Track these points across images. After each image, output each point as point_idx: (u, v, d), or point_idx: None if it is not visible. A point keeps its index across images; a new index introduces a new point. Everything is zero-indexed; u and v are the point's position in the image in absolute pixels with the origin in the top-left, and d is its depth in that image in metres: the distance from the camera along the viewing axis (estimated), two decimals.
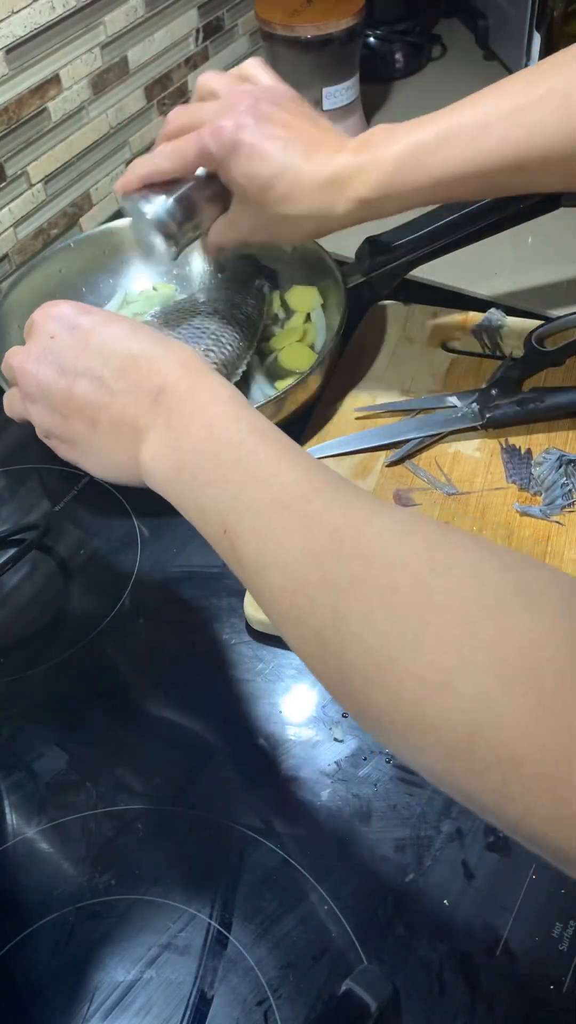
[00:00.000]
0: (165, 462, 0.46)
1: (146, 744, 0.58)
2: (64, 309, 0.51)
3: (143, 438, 0.47)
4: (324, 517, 0.40)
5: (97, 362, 0.49)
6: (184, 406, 0.46)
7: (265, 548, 0.41)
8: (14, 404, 0.55)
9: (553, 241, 0.88)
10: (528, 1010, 0.47)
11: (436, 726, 0.33)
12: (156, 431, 0.47)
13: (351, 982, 0.47)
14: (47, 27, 0.82)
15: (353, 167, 0.58)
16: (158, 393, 0.47)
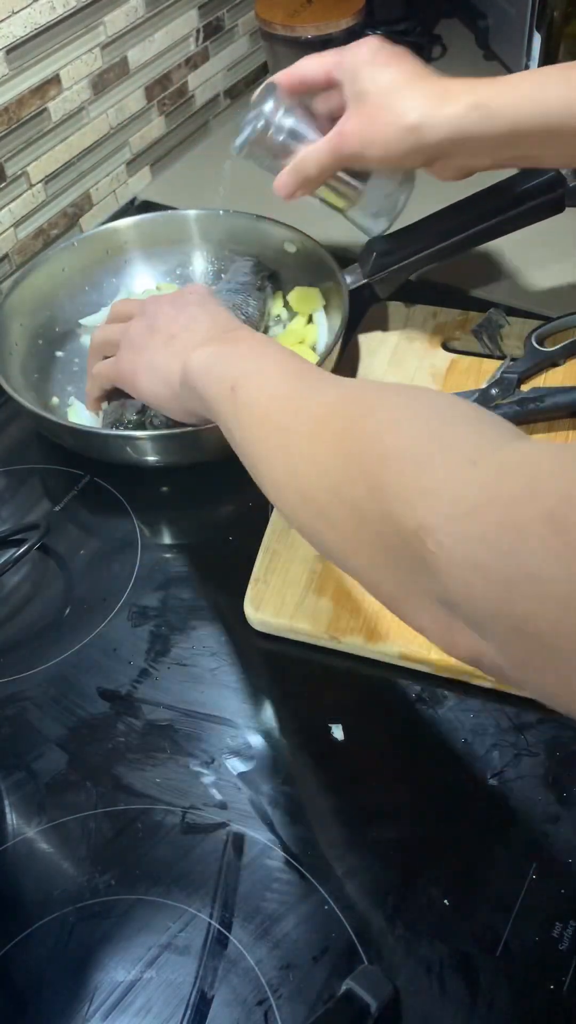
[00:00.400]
0: (206, 356, 0.58)
1: (146, 744, 0.58)
2: (199, 287, 0.70)
3: (197, 350, 0.59)
4: (314, 373, 0.52)
5: (202, 313, 0.65)
6: (235, 336, 0.61)
7: (262, 391, 0.52)
8: (113, 329, 0.72)
9: (553, 241, 0.88)
10: (528, 1010, 0.47)
11: None
12: (209, 346, 0.60)
13: (351, 982, 0.47)
14: (47, 27, 0.82)
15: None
16: (223, 331, 0.62)
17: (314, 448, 0.45)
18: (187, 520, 0.71)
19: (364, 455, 0.41)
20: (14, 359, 0.77)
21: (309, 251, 0.81)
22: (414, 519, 0.36)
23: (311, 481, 0.44)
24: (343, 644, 0.61)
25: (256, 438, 0.50)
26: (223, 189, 0.95)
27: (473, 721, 0.58)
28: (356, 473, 0.41)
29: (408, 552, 0.37)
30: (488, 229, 0.73)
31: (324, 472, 0.43)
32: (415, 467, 0.38)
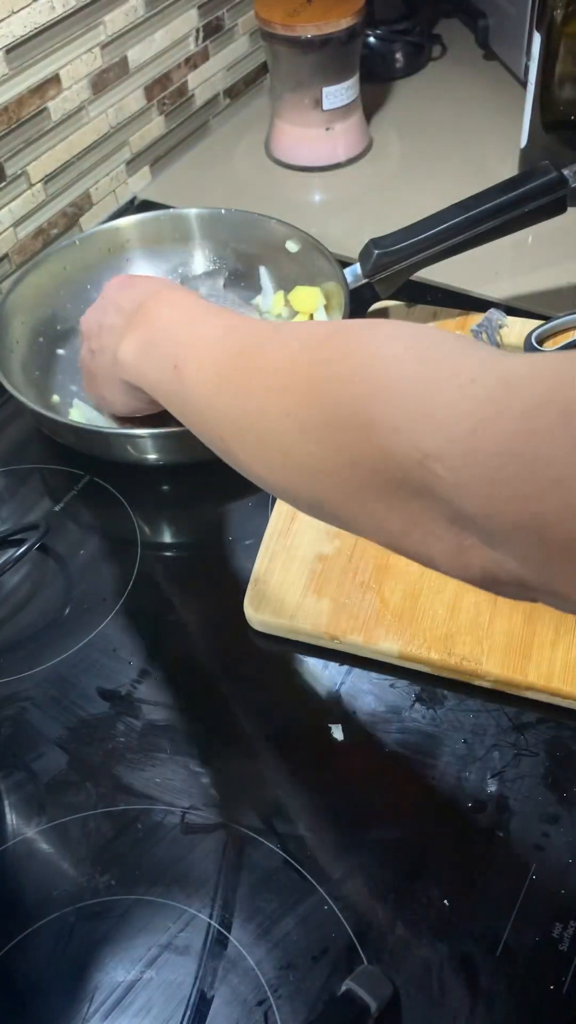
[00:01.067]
0: (135, 344, 0.57)
1: (146, 744, 0.58)
2: (115, 280, 0.66)
3: (120, 346, 0.58)
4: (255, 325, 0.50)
5: (112, 306, 0.63)
6: (154, 308, 0.57)
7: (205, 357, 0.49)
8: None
9: (553, 242, 0.88)
10: (528, 1010, 0.47)
11: None
12: (133, 332, 0.57)
13: (351, 982, 0.47)
14: (47, 27, 0.82)
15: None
16: (136, 309, 0.59)
17: (286, 404, 0.41)
18: (187, 520, 0.71)
19: (349, 397, 0.38)
20: (15, 357, 0.77)
21: (310, 250, 0.81)
22: (417, 449, 0.35)
23: (290, 441, 0.41)
24: (343, 644, 0.61)
25: (216, 415, 0.47)
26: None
27: (473, 721, 0.58)
28: (343, 418, 0.38)
29: (413, 484, 0.35)
30: (489, 230, 0.73)
31: (303, 427, 0.40)
32: (410, 395, 0.36)
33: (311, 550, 0.65)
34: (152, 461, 0.70)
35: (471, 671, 0.58)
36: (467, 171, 0.98)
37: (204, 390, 0.48)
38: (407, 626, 0.60)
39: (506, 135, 0.98)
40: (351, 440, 0.38)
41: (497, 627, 0.60)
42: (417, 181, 0.99)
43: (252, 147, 1.06)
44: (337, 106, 0.98)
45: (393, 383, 0.37)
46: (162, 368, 0.52)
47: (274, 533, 0.66)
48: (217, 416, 0.47)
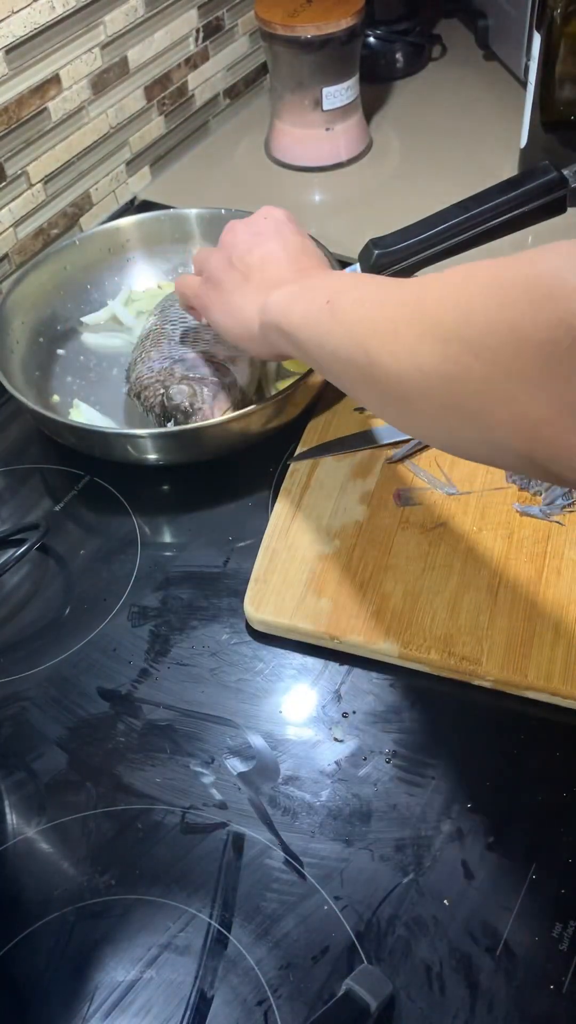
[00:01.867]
0: (288, 291, 0.60)
1: (146, 744, 0.58)
2: (280, 213, 0.68)
3: (277, 288, 0.61)
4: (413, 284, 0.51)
5: (279, 245, 0.65)
6: (318, 274, 0.63)
7: (365, 296, 0.51)
8: (196, 264, 0.72)
9: (553, 242, 0.88)
10: (528, 1010, 0.47)
11: None
12: (290, 284, 0.61)
13: (351, 982, 0.47)
14: (47, 27, 0.82)
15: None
16: (301, 271, 0.63)
17: (452, 296, 0.43)
18: (187, 520, 0.71)
19: (523, 279, 0.40)
20: (15, 357, 0.77)
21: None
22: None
23: (454, 320, 0.43)
24: (343, 644, 0.61)
25: (368, 327, 0.49)
26: None
27: (473, 721, 0.58)
28: (514, 296, 0.40)
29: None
30: (489, 230, 0.73)
31: (471, 305, 0.42)
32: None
33: (311, 550, 0.65)
34: (152, 461, 0.70)
35: (471, 671, 0.58)
36: (467, 171, 0.98)
37: (356, 315, 0.51)
38: (407, 626, 0.60)
39: (506, 135, 0.98)
40: (521, 315, 0.39)
41: (497, 627, 0.60)
42: (417, 181, 0.99)
43: (252, 147, 1.06)
44: (337, 106, 0.98)
45: (569, 261, 0.40)
46: (313, 302, 0.55)
47: (274, 533, 0.66)
48: (368, 328, 0.49)
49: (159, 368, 0.73)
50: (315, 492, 0.69)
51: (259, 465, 0.73)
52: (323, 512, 0.67)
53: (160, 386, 0.72)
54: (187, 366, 0.72)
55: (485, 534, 0.65)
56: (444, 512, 0.67)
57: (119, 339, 0.83)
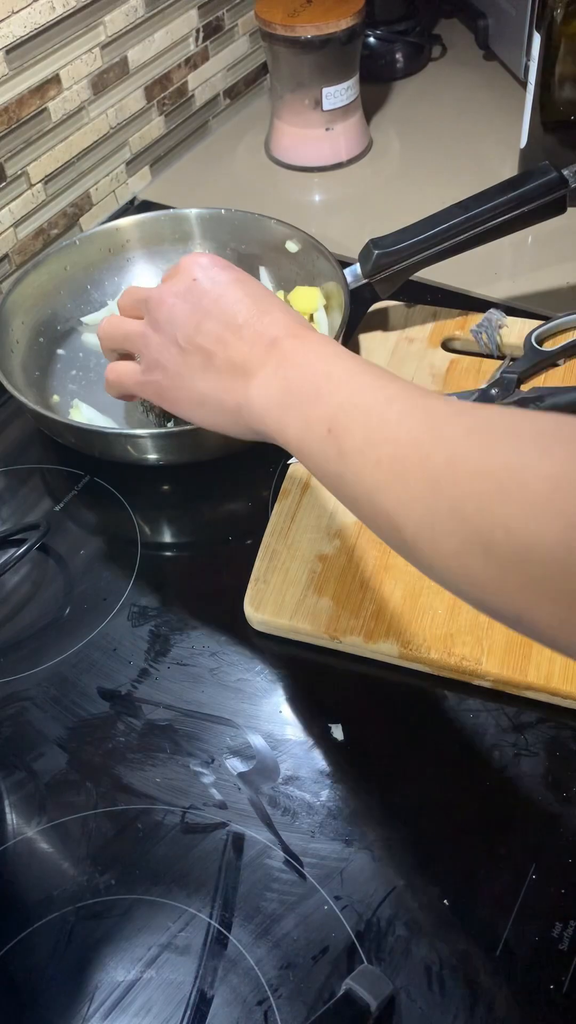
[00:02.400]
0: (273, 390, 0.50)
1: (146, 744, 0.58)
2: (207, 260, 0.57)
3: (252, 376, 0.52)
4: (437, 402, 0.43)
5: (229, 308, 0.54)
6: (294, 350, 0.51)
7: (375, 431, 0.43)
8: (122, 327, 0.62)
9: (553, 242, 0.88)
10: (528, 1010, 0.47)
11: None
12: (267, 369, 0.51)
13: (351, 982, 0.47)
14: (47, 27, 0.82)
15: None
16: (272, 342, 0.52)
17: (505, 511, 0.36)
18: (187, 520, 0.71)
19: None
20: (15, 357, 0.77)
21: (310, 250, 0.81)
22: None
23: (508, 550, 0.35)
24: (343, 644, 0.61)
25: (394, 504, 0.41)
26: None
27: (473, 721, 0.58)
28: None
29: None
30: (489, 230, 0.73)
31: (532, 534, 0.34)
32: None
33: (311, 550, 0.65)
34: (152, 461, 0.70)
35: (471, 671, 0.58)
36: (467, 171, 0.98)
37: (376, 473, 0.42)
38: (407, 626, 0.60)
39: (506, 135, 0.98)
40: None
41: (497, 627, 0.60)
42: (417, 181, 0.99)
43: (252, 147, 1.06)
44: (337, 106, 0.98)
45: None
46: (310, 428, 0.46)
47: (274, 533, 0.66)
48: (394, 505, 0.41)
49: None
50: (315, 492, 0.69)
51: (259, 465, 0.73)
52: (323, 512, 0.67)
53: None
54: None
55: None
56: None
57: None
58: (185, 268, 0.57)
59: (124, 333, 0.61)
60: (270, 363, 0.51)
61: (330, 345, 0.51)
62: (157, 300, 0.57)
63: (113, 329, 0.63)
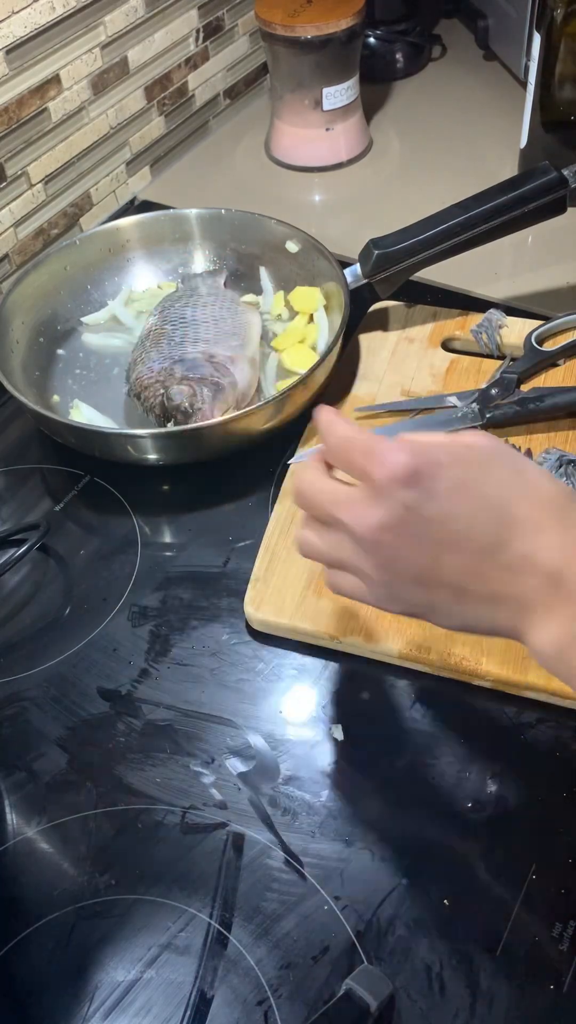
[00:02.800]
0: (566, 635, 0.42)
1: (146, 744, 0.58)
2: (405, 469, 0.42)
3: (532, 612, 0.43)
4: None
5: (468, 531, 0.43)
6: (558, 586, 0.42)
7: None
8: (327, 541, 0.47)
9: (553, 242, 0.88)
10: (528, 1010, 0.47)
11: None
12: (555, 616, 0.42)
13: (351, 982, 0.47)
14: (47, 27, 0.82)
15: None
16: (551, 578, 0.42)
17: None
18: (187, 520, 0.71)
19: None
20: (15, 357, 0.77)
21: (310, 250, 0.81)
22: None
23: None
24: (343, 644, 0.61)
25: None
26: None
27: (473, 721, 0.58)
28: None
29: None
30: (490, 230, 0.73)
31: None
32: None
33: None
34: (152, 461, 0.70)
35: (471, 671, 0.58)
36: (467, 171, 0.98)
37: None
38: (407, 626, 0.60)
39: (506, 135, 0.98)
40: None
41: None
42: (417, 181, 0.99)
43: (252, 147, 1.06)
44: (337, 106, 0.98)
45: None
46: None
47: (274, 533, 0.66)
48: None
49: (159, 368, 0.73)
50: None
51: (259, 465, 0.73)
52: None
53: (160, 386, 0.72)
54: (187, 366, 0.73)
55: None
56: None
57: (119, 339, 0.83)
58: (385, 491, 0.43)
59: (338, 559, 0.47)
60: (557, 607, 0.42)
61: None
62: (372, 543, 0.44)
63: (315, 545, 0.48)
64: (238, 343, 0.76)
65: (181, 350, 0.74)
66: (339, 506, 0.45)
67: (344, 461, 0.45)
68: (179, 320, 0.77)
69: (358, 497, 0.44)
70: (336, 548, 0.46)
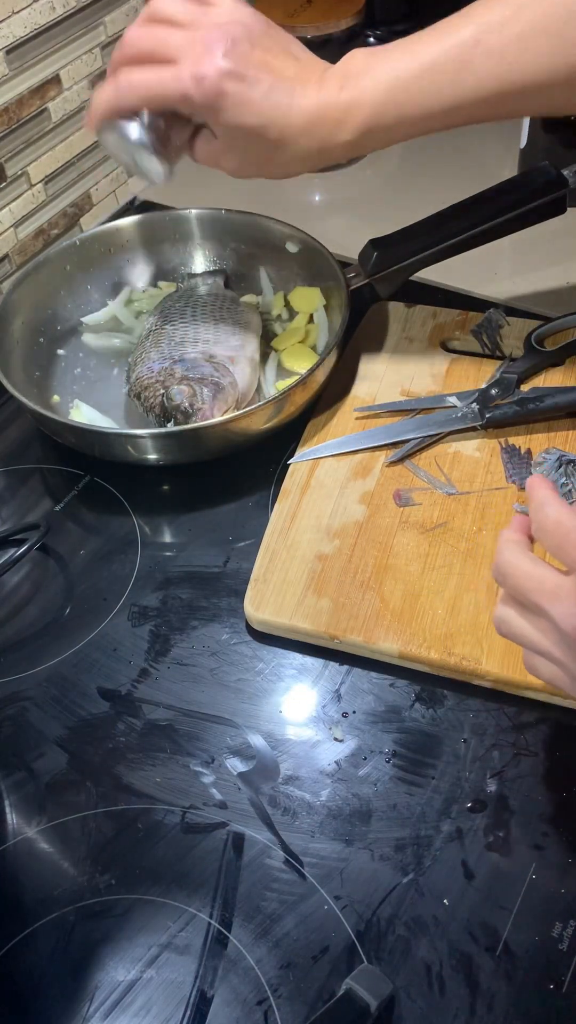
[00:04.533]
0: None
1: (146, 744, 0.58)
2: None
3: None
4: None
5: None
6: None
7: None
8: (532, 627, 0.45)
9: (553, 242, 0.88)
10: (528, 1010, 0.47)
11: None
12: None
13: (351, 982, 0.47)
14: (47, 27, 0.82)
15: (338, 109, 0.59)
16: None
17: None
18: (187, 520, 0.71)
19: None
20: (15, 357, 0.77)
21: (310, 250, 0.81)
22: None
23: None
24: (343, 644, 0.61)
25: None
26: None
27: (473, 721, 0.58)
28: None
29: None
30: (489, 230, 0.73)
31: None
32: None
33: (311, 550, 0.65)
34: (152, 461, 0.70)
35: (471, 671, 0.58)
36: (467, 171, 0.98)
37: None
38: (407, 626, 0.60)
39: (506, 135, 0.98)
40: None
41: None
42: (417, 181, 0.99)
43: None
44: None
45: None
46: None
47: (274, 533, 0.66)
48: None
49: (159, 368, 0.73)
50: (315, 492, 0.69)
51: (259, 465, 0.73)
52: (323, 512, 0.67)
53: (160, 386, 0.72)
54: (187, 366, 0.73)
55: (485, 534, 0.65)
56: (444, 512, 0.67)
57: (119, 339, 0.83)
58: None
59: (540, 648, 0.45)
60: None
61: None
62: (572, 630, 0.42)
63: (516, 628, 0.46)
64: (238, 343, 0.76)
65: (181, 350, 0.74)
66: (546, 596, 0.43)
67: (555, 547, 0.44)
68: (179, 320, 0.77)
69: (569, 591, 0.42)
70: (539, 636, 0.45)
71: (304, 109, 0.59)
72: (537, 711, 0.58)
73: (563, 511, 0.43)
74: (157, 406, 0.72)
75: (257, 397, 0.75)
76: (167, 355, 0.74)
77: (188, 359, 0.73)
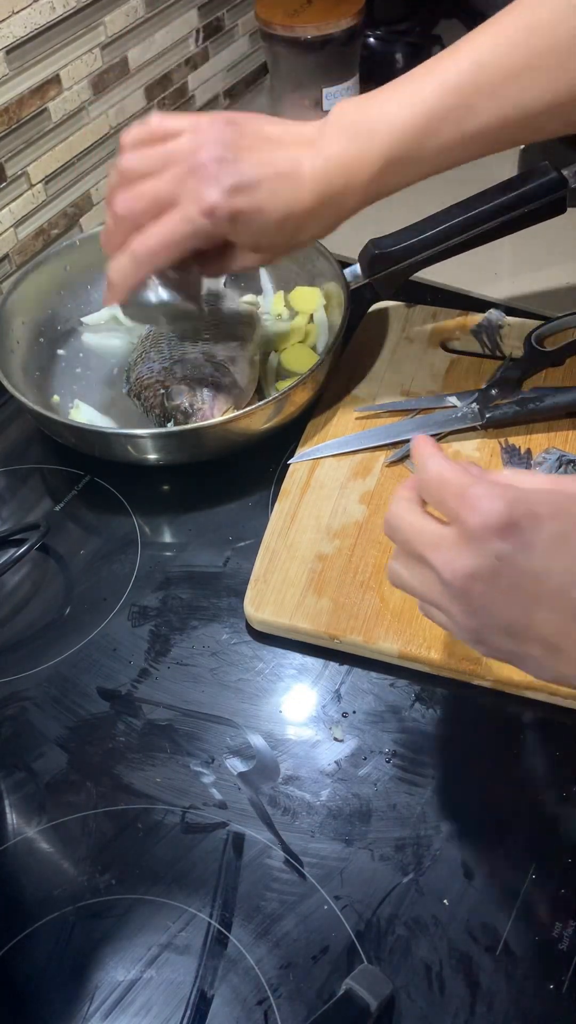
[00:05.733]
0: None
1: (146, 744, 0.58)
2: (498, 518, 0.41)
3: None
4: None
5: (563, 586, 0.41)
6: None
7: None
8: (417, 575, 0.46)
9: (553, 242, 0.88)
10: (528, 1010, 0.47)
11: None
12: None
13: (351, 982, 0.47)
14: (47, 27, 0.82)
15: (341, 183, 0.60)
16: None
17: None
18: (187, 520, 0.71)
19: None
20: (15, 357, 0.77)
21: (310, 250, 0.81)
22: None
23: None
24: (343, 644, 0.61)
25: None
26: None
27: (473, 721, 0.58)
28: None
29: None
30: (489, 230, 0.73)
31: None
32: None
33: (311, 550, 0.65)
34: (152, 461, 0.70)
35: (471, 671, 0.58)
36: (467, 171, 0.97)
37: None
38: (407, 626, 0.60)
39: None
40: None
41: None
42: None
43: None
44: None
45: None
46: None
47: (274, 533, 0.66)
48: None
49: (159, 368, 0.73)
50: (315, 492, 0.69)
51: (259, 465, 0.73)
52: (323, 512, 0.67)
53: (160, 386, 0.72)
54: (187, 366, 0.73)
55: None
56: None
57: (119, 339, 0.83)
58: (477, 539, 0.42)
59: (427, 597, 0.46)
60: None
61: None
62: (459, 590, 0.43)
63: (404, 579, 0.47)
64: (238, 343, 0.76)
65: (181, 350, 0.74)
66: (428, 547, 0.44)
67: (436, 500, 0.44)
68: None
69: (449, 541, 0.43)
70: (425, 586, 0.46)
71: (310, 190, 0.59)
72: (537, 711, 0.58)
73: (444, 465, 0.44)
74: (157, 406, 0.72)
75: (257, 397, 0.75)
76: (167, 355, 0.74)
77: (188, 359, 0.73)
